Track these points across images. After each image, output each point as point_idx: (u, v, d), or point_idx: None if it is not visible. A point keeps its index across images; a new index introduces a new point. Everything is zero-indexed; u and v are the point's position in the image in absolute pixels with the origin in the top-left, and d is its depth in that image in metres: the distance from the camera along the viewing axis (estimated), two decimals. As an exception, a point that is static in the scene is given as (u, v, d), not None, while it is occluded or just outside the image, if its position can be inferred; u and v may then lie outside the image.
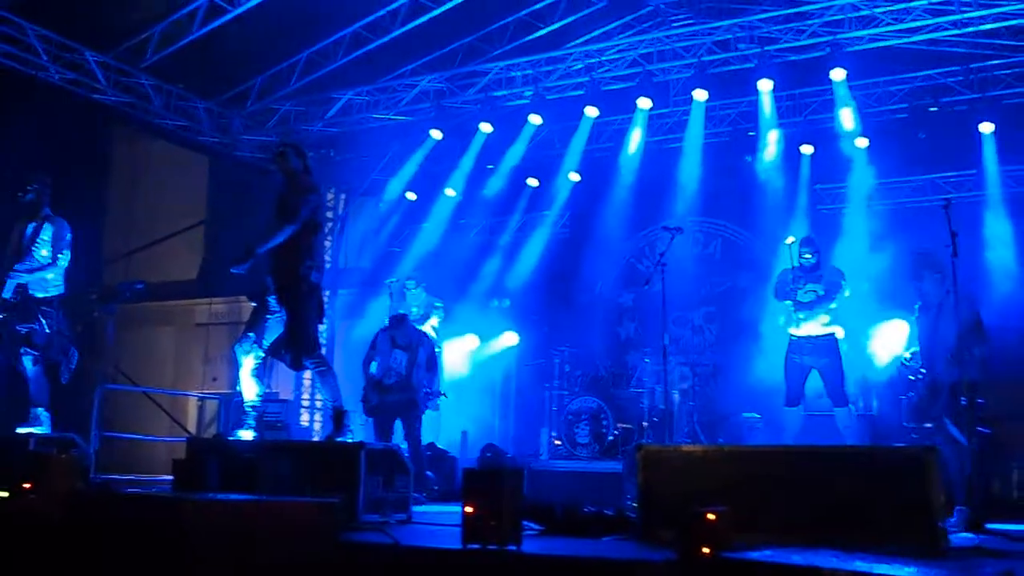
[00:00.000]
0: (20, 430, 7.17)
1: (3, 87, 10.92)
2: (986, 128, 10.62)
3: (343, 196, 14.93)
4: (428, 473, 9.10)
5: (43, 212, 7.52)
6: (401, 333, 9.20)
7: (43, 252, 7.39)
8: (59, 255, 7.43)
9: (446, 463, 9.88)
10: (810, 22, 10.06)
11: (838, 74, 10.27)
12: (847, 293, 8.31)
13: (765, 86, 10.60)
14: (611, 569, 3.96)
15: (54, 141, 11.61)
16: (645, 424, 10.22)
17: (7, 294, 7.27)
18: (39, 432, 7.11)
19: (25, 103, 11.09)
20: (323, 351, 6.82)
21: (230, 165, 13.96)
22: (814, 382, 8.24)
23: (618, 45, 11.12)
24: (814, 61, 10.51)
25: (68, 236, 7.52)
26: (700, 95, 10.78)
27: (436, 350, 10.40)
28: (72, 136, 12.42)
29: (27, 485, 4.91)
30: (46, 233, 7.44)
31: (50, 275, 7.41)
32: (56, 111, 11.56)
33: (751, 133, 11.83)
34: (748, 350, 9.77)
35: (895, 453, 5.10)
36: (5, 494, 5.02)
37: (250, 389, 6.67)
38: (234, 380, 14.77)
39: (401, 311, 10.48)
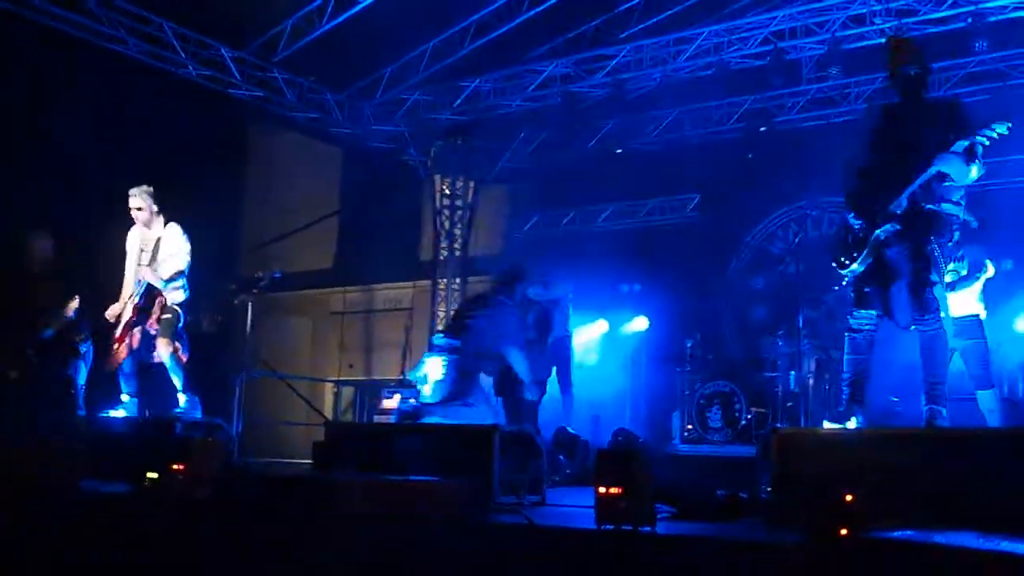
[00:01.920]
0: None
1: (143, 84, 11.34)
2: None
3: (472, 184, 15.05)
4: (560, 457, 9.11)
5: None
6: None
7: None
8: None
9: (578, 447, 9.87)
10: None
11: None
12: (990, 272, 8.01)
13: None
14: (746, 550, 3.91)
15: (193, 136, 12.04)
16: (779, 408, 10.06)
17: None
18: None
19: (165, 100, 11.51)
20: None
21: (362, 155, 14.23)
22: (956, 364, 7.97)
23: (749, 23, 10.92)
24: (955, 32, 10.08)
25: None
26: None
27: (568, 333, 10.44)
28: (210, 131, 12.84)
29: (176, 467, 5.11)
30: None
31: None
32: (194, 107, 11.97)
33: (763, 128, 11.49)
34: (885, 332, 9.49)
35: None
36: (155, 475, 5.22)
37: None
38: (368, 367, 15.09)
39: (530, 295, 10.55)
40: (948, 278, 7.81)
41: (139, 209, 7.68)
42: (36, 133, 10.42)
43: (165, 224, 7.72)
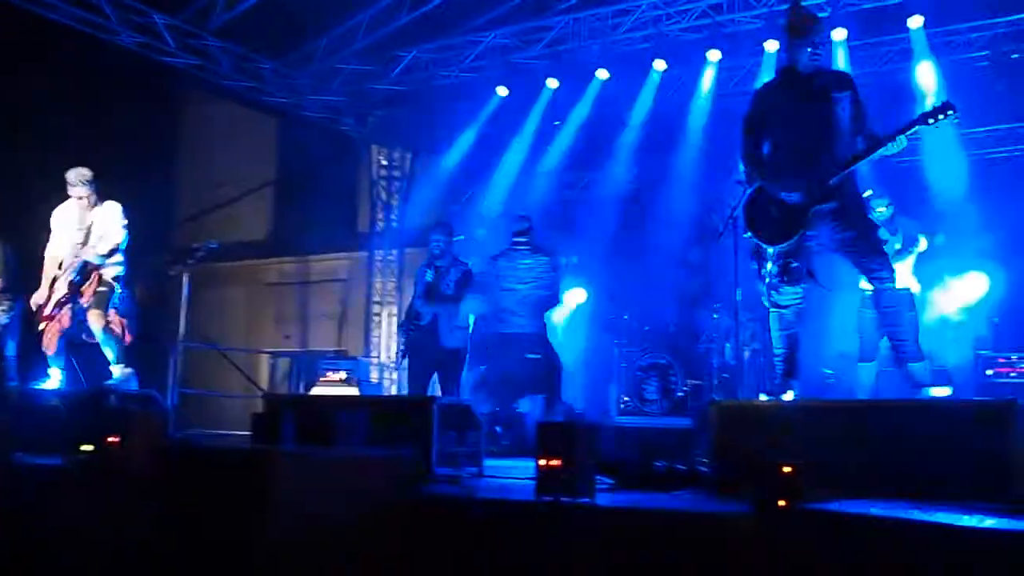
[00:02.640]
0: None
1: (73, 51, 11.07)
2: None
3: (409, 155, 14.97)
4: (496, 428, 9.14)
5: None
6: None
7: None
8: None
9: (516, 420, 9.91)
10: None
11: (915, 21, 10.00)
12: (923, 246, 8.15)
13: (839, 35, 10.34)
14: (686, 521, 3.96)
15: (125, 105, 11.82)
16: (715, 380, 10.16)
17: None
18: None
19: (95, 67, 11.27)
20: None
21: (298, 125, 14.07)
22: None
23: (686, -4, 10.94)
24: (890, 8, 10.18)
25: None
26: (771, 46, 10.60)
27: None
28: (143, 101, 12.61)
29: (112, 439, 5.04)
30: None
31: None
32: (127, 77, 11.73)
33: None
34: (821, 306, 9.65)
35: (972, 407, 5.01)
36: (90, 447, 5.14)
37: None
38: (304, 339, 15.00)
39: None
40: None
41: (80, 198, 7.61)
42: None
43: (102, 202, 7.66)
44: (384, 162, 14.83)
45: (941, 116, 5.37)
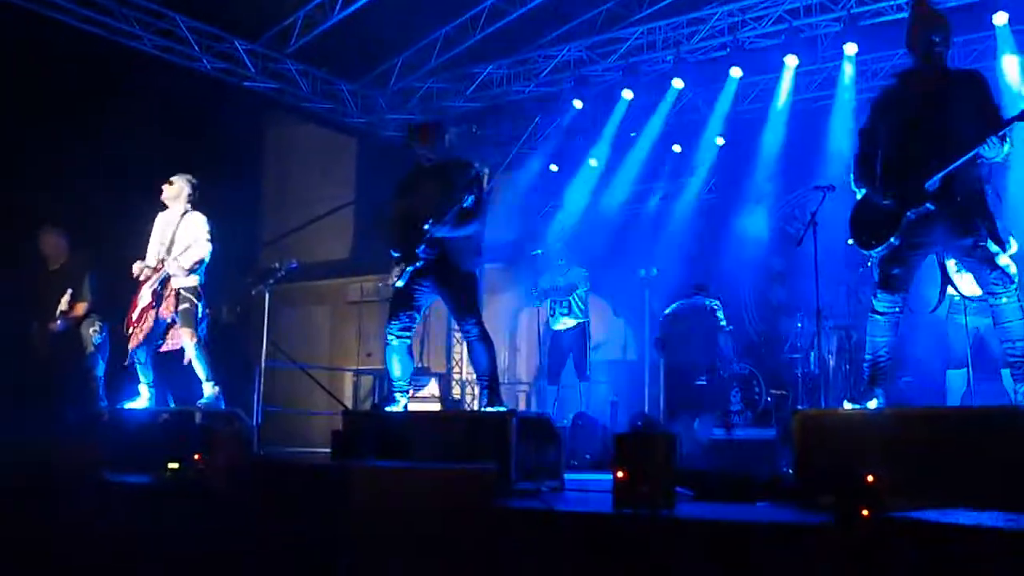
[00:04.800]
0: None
1: (157, 78, 11.36)
2: None
3: (486, 170, 15.02)
4: (578, 441, 9.13)
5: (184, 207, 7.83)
6: None
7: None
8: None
9: (597, 432, 9.88)
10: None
11: (1000, 18, 9.76)
12: (1014, 248, 7.93)
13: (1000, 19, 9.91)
14: (767, 532, 3.88)
15: (208, 129, 12.06)
16: (799, 390, 10.01)
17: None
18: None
19: (177, 93, 11.53)
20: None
21: (377, 145, 14.23)
22: (979, 342, 7.90)
23: (762, 2, 10.82)
24: (974, 6, 9.89)
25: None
26: (851, 49, 10.44)
27: (584, 320, 10.54)
28: (226, 124, 12.86)
29: (196, 457, 5.13)
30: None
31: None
32: (210, 100, 11.99)
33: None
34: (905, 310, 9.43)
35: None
36: (176, 466, 5.24)
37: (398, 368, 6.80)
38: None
39: (546, 283, 10.60)
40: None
41: (175, 197, 7.79)
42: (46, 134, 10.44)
43: (190, 212, 7.82)
44: (462, 178, 14.89)
45: None
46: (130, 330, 7.65)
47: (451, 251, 6.48)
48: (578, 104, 12.10)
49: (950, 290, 7.61)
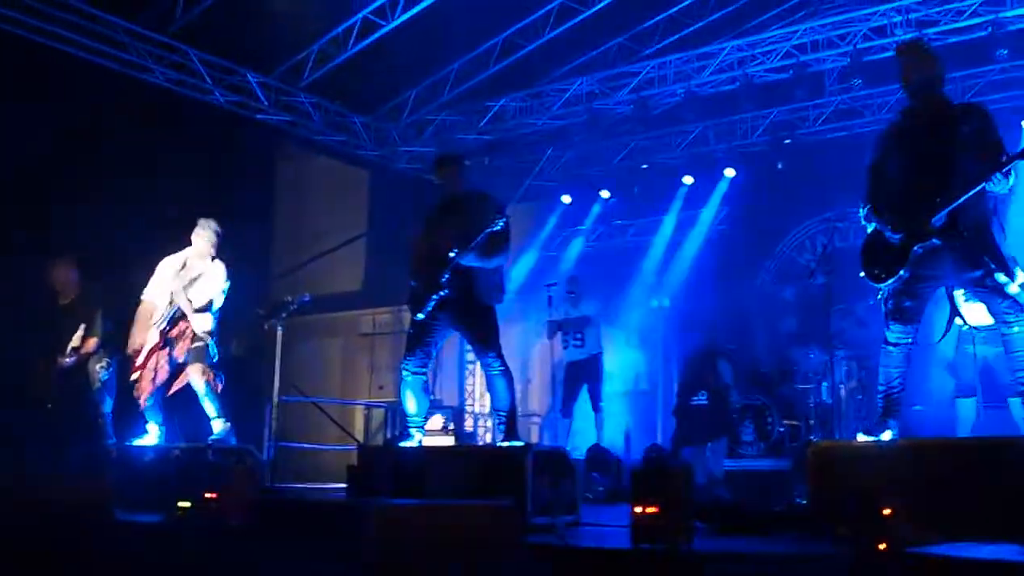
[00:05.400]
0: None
1: (169, 112, 11.45)
2: None
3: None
4: (593, 474, 9.11)
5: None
6: None
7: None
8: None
9: (611, 464, 9.87)
10: (970, 1, 9.68)
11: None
12: (1022, 277, 7.93)
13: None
14: (785, 564, 3.89)
15: (220, 162, 12.15)
16: (812, 421, 10.00)
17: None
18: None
19: (191, 127, 11.63)
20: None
21: (389, 177, 14.30)
22: (987, 371, 7.91)
23: (771, 37, 10.93)
24: (974, 42, 9.99)
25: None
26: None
27: (598, 352, 10.57)
28: (238, 157, 12.94)
29: (209, 495, 5.12)
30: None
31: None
32: (222, 133, 12.08)
33: (787, 140, 11.64)
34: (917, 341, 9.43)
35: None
36: (188, 504, 5.23)
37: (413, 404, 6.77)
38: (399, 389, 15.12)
39: (558, 315, 10.63)
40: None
41: (201, 243, 7.78)
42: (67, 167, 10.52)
43: (215, 259, 7.83)
44: (474, 211, 14.95)
45: None
46: (137, 374, 7.61)
47: (475, 285, 6.51)
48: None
49: (957, 320, 7.65)
